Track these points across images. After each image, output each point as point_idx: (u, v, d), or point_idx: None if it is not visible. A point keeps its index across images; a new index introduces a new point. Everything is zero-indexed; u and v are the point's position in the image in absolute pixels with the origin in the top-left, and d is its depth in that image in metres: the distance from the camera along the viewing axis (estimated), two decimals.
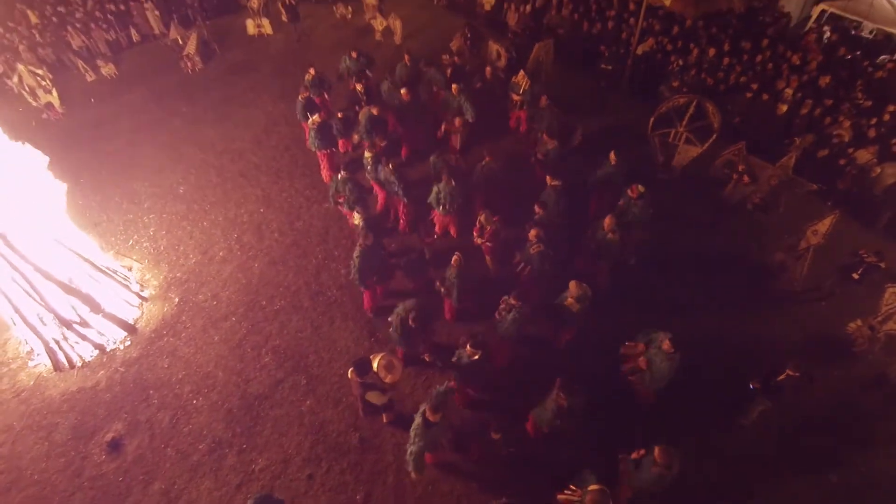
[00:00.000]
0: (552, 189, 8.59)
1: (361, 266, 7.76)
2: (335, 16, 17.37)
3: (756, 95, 11.10)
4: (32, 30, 16.00)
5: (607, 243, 7.88)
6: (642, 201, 8.24)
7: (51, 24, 16.26)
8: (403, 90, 10.60)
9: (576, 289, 6.96)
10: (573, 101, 12.04)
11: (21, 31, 15.89)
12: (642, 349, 6.81)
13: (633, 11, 13.75)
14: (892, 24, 13.63)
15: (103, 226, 10.79)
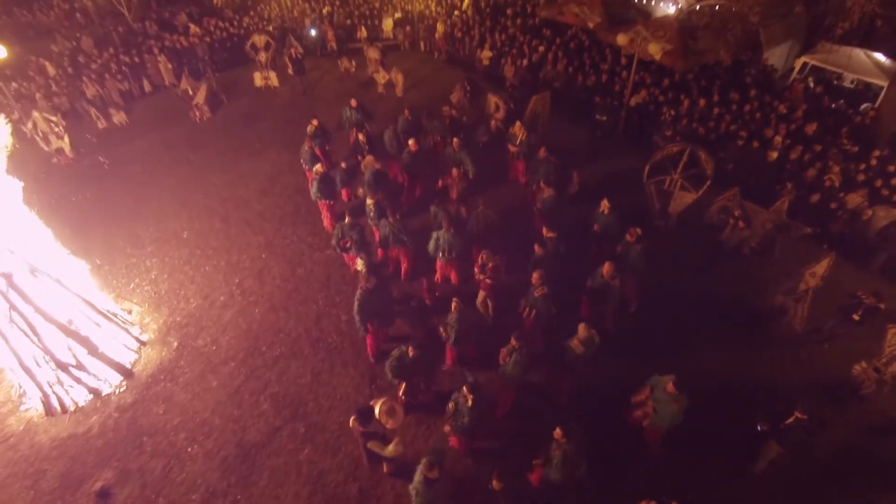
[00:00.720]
0: (548, 240, 8.80)
1: (362, 308, 7.85)
2: (339, 69, 18.26)
3: (747, 143, 11.69)
4: (50, 80, 16.61)
5: (609, 289, 8.03)
6: (641, 245, 8.49)
7: (67, 75, 16.89)
8: (411, 141, 11.07)
9: (584, 332, 7.07)
10: (570, 150, 12.54)
11: (38, 80, 16.52)
12: (648, 393, 6.82)
13: (625, 65, 14.56)
14: (870, 74, 14.64)
15: (105, 268, 10.86)
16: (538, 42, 16.58)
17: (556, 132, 13.32)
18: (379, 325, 8.43)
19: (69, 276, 8.85)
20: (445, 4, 20.95)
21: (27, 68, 17.32)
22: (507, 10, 19.54)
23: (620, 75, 14.40)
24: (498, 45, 17.05)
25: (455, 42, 18.53)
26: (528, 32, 17.45)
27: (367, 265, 8.74)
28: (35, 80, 16.61)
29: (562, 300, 8.13)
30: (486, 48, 17.03)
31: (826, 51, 15.06)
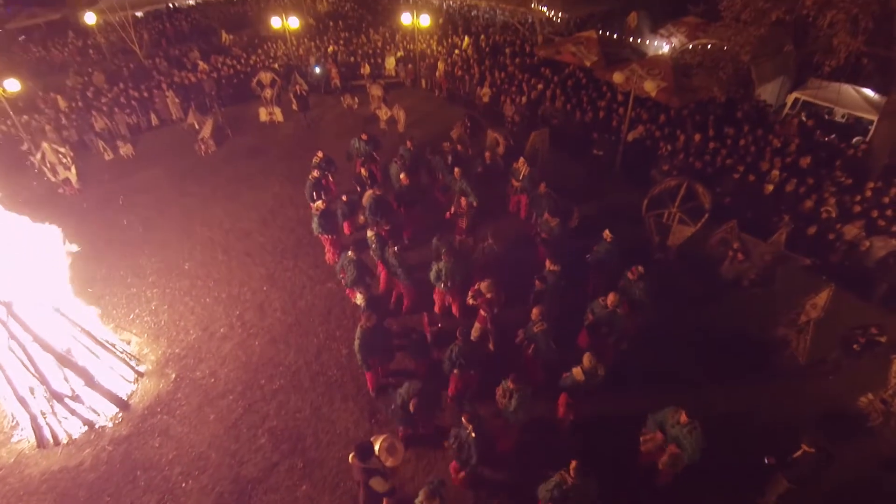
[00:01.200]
0: (551, 273, 8.85)
1: (363, 346, 7.82)
2: (342, 105, 18.71)
3: (743, 176, 11.90)
4: (60, 113, 17.02)
5: (613, 319, 8.02)
6: (643, 283, 8.52)
7: (77, 108, 17.30)
8: (402, 175, 11.28)
9: (589, 362, 7.04)
10: (569, 185, 12.74)
11: (49, 113, 16.91)
12: (661, 438, 6.71)
13: (621, 102, 14.94)
14: (860, 108, 15.09)
15: (106, 298, 10.84)
16: (536, 80, 17.06)
17: (555, 167, 13.55)
18: (380, 362, 8.38)
19: (69, 304, 8.84)
20: (446, 44, 21.69)
21: (39, 101, 17.78)
22: (505, 50, 20.21)
23: (617, 111, 14.80)
24: (497, 83, 17.54)
25: (456, 80, 19.04)
26: (527, 71, 17.99)
27: (366, 300, 8.76)
28: (46, 112, 17.01)
29: (562, 334, 8.12)
30: (485, 86, 17.50)
31: (816, 87, 15.59)
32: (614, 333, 8.29)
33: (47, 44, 26.12)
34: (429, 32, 22.28)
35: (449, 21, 25.74)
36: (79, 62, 24.27)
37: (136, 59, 22.25)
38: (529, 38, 21.22)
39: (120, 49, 24.26)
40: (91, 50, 25.63)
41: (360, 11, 29.19)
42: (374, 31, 24.11)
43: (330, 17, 27.99)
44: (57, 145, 14.53)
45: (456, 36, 22.45)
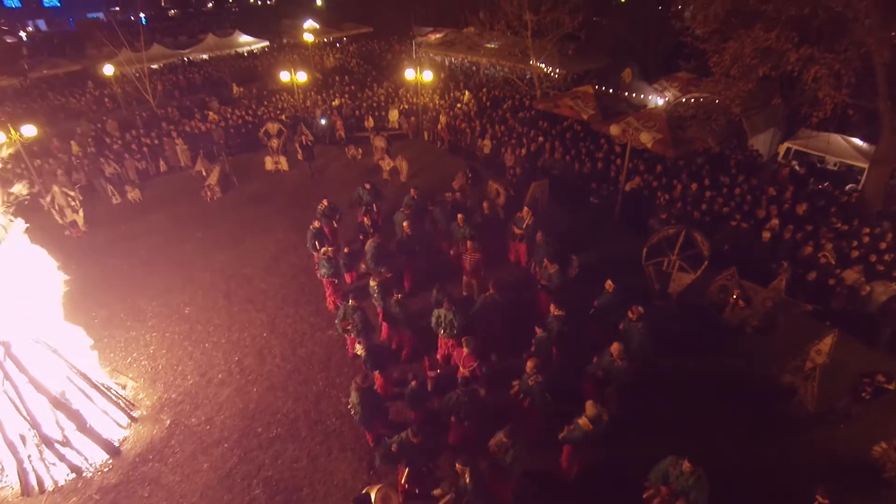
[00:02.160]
0: (555, 318, 8.84)
1: (364, 409, 7.68)
2: (347, 156, 19.18)
3: (739, 224, 12.05)
4: (72, 157, 17.49)
5: (616, 370, 7.95)
6: (643, 323, 8.50)
7: (89, 154, 17.79)
8: (405, 223, 11.45)
9: (592, 409, 6.91)
10: (568, 234, 12.88)
11: (62, 157, 17.39)
12: (666, 492, 6.51)
13: (618, 153, 15.31)
14: (850, 157, 15.49)
15: (104, 341, 10.75)
16: (536, 133, 17.59)
17: (554, 217, 13.75)
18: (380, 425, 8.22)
19: (67, 346, 8.77)
20: (448, 98, 22.49)
21: (53, 146, 18.33)
22: (505, 104, 20.95)
23: (615, 162, 15.17)
24: (498, 135, 18.04)
25: (457, 132, 19.63)
26: (526, 124, 18.57)
27: (366, 351, 8.69)
28: (59, 157, 17.51)
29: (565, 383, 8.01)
30: (486, 138, 18.01)
31: (806, 136, 16.14)
32: (615, 383, 8.19)
33: (65, 92, 27.19)
34: (431, 87, 23.16)
35: (451, 76, 26.82)
36: (94, 110, 25.17)
37: (148, 108, 23.09)
38: (528, 93, 22.05)
39: (134, 98, 25.24)
40: (107, 99, 26.64)
41: (365, 67, 30.51)
42: (378, 86, 25.06)
43: (336, 72, 29.21)
44: (67, 189, 14.87)
45: (458, 90, 23.32)
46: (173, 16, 59.36)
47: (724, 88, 12.80)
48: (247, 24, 42.65)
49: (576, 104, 17.98)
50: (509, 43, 23.50)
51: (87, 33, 40.05)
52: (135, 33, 25.88)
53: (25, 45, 43.37)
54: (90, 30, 40.71)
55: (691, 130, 14.56)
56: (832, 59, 11.01)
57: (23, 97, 26.93)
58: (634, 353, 8.28)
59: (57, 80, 29.94)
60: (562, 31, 20.43)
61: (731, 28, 12.42)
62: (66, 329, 9.14)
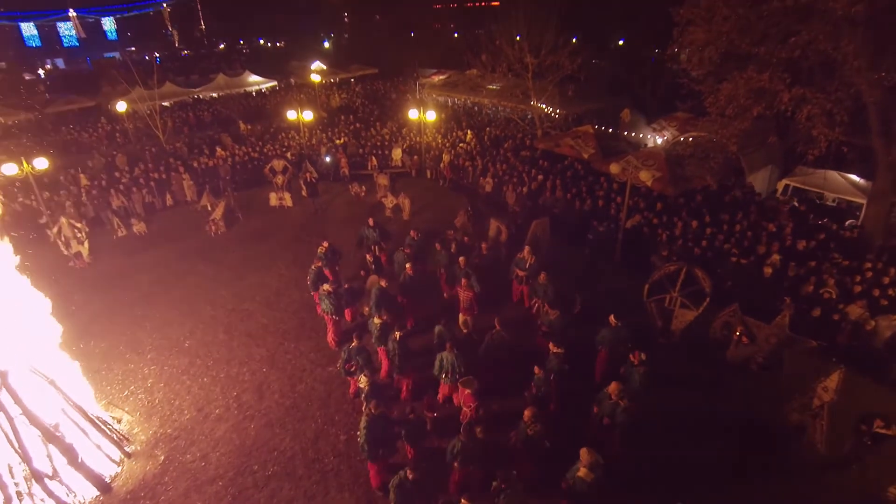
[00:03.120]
0: (555, 356, 8.77)
1: (370, 437, 7.54)
2: (350, 193, 19.43)
3: (740, 260, 12.06)
4: (81, 189, 17.81)
5: (618, 411, 7.80)
6: (644, 368, 8.42)
7: (98, 187, 18.11)
8: (408, 265, 11.53)
9: (587, 456, 6.74)
10: (570, 272, 12.89)
11: (72, 189, 17.71)
12: None
13: (617, 190, 15.50)
14: (848, 193, 15.61)
15: (102, 373, 10.68)
16: (536, 171, 17.87)
17: (556, 255, 13.78)
18: (387, 454, 8.01)
19: (64, 377, 8.69)
20: (451, 137, 22.97)
21: (63, 179, 18.70)
22: (505, 143, 21.37)
23: (615, 200, 15.33)
24: (499, 174, 18.33)
25: (459, 170, 19.95)
26: (527, 163, 18.91)
27: (370, 384, 8.60)
28: (69, 189, 17.85)
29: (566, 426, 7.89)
30: (488, 176, 18.31)
31: (804, 174, 16.39)
32: (617, 426, 8.05)
33: (78, 127, 27.97)
34: (434, 126, 23.70)
35: (453, 116, 27.47)
36: (105, 145, 25.77)
37: (158, 144, 23.61)
38: (529, 132, 22.54)
39: (144, 134, 25.87)
40: (118, 134, 27.32)
41: (370, 107, 31.28)
42: (381, 125, 25.64)
43: (342, 111, 29.96)
44: (74, 220, 15.07)
45: (460, 130, 23.84)
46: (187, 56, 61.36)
47: (721, 127, 13.09)
48: (257, 64, 44.17)
49: (576, 143, 18.38)
50: (511, 84, 24.26)
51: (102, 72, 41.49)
52: (149, 72, 26.77)
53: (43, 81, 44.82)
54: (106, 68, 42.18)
55: (690, 168, 14.82)
56: (824, 98, 11.31)
57: (37, 131, 27.70)
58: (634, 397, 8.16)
59: (71, 116, 30.90)
60: (562, 73, 21.12)
61: (725, 70, 12.80)
62: (64, 360, 9.08)
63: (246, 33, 68.03)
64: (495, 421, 8.67)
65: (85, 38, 63.02)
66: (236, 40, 68.79)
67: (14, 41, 58.29)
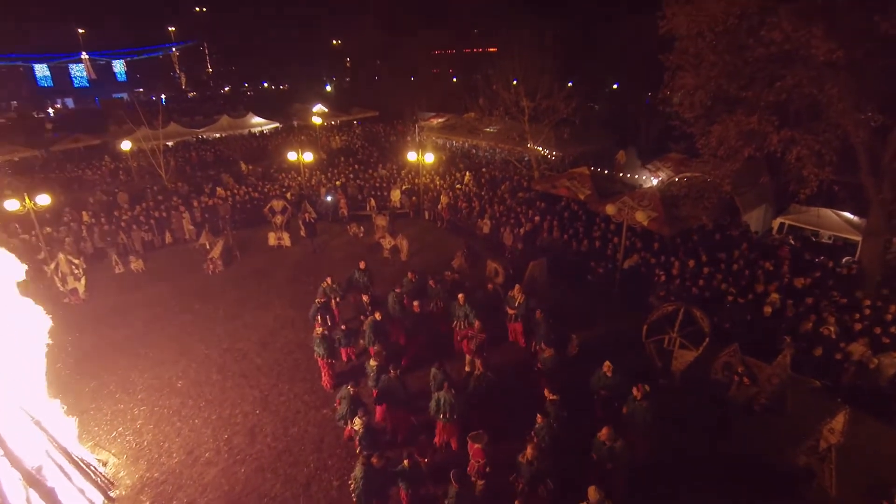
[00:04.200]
0: (551, 403, 8.64)
1: (365, 488, 7.31)
2: (349, 234, 19.54)
3: (737, 299, 12.00)
4: (82, 226, 17.97)
5: (612, 454, 7.61)
6: (647, 402, 8.24)
7: (98, 224, 18.24)
8: (415, 302, 11.48)
9: (595, 494, 6.54)
10: (567, 313, 12.80)
11: (73, 226, 17.84)
12: None
13: (614, 231, 15.60)
14: (843, 230, 15.69)
15: (90, 413, 10.45)
16: (533, 212, 18.03)
17: (553, 295, 13.73)
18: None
19: (50, 417, 8.47)
20: (449, 178, 23.31)
21: (65, 215, 18.85)
22: (503, 185, 21.67)
23: (612, 241, 15.42)
24: (497, 215, 18.48)
25: (457, 212, 20.13)
26: (524, 204, 19.11)
27: (365, 427, 8.42)
28: (70, 225, 17.98)
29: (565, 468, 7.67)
30: (485, 217, 18.44)
31: (798, 212, 16.59)
32: (618, 468, 7.83)
33: (82, 164, 28.44)
34: (432, 168, 24.08)
35: (451, 158, 27.96)
36: (108, 182, 26.11)
37: (160, 182, 23.89)
38: (526, 174, 22.89)
39: (147, 172, 26.24)
40: (121, 172, 27.71)
41: (370, 149, 31.86)
42: (381, 166, 26.03)
43: (342, 153, 30.51)
44: (72, 257, 15.11)
45: (458, 171, 24.21)
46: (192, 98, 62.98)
47: (713, 168, 13.32)
48: (260, 106, 45.21)
49: (573, 185, 18.64)
50: (507, 127, 24.81)
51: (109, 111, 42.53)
52: (154, 112, 27.43)
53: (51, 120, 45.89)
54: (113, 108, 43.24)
55: (685, 208, 14.97)
56: (812, 139, 11.57)
57: (43, 168, 28.12)
58: (640, 433, 7.99)
59: (77, 153, 31.50)
60: (557, 116, 21.62)
61: (715, 113, 13.14)
62: (52, 399, 8.89)
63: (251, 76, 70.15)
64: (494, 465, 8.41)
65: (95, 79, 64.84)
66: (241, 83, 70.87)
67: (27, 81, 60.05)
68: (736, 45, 12.20)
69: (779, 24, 11.14)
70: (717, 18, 12.07)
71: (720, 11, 11.95)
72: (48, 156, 30.63)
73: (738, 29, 11.98)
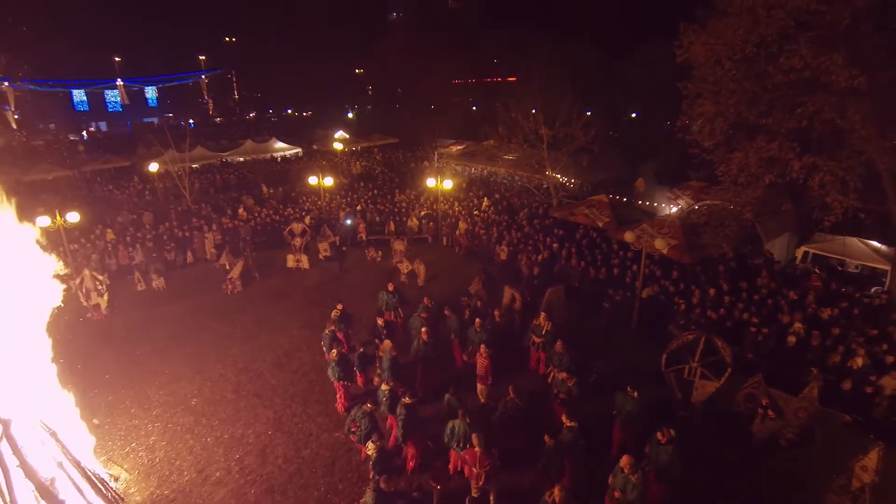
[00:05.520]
0: (568, 430, 8.43)
1: None
2: (367, 258, 19.65)
3: (760, 330, 11.65)
4: (108, 243, 18.50)
5: (626, 486, 7.35)
6: (672, 446, 7.94)
7: (124, 241, 18.74)
8: (424, 329, 11.43)
9: None
10: (586, 342, 12.57)
11: (98, 243, 18.35)
12: None
13: (632, 258, 15.40)
14: (870, 259, 15.18)
15: (105, 427, 10.49)
16: (551, 240, 17.94)
17: (571, 324, 13.50)
18: None
19: (65, 429, 8.54)
20: (467, 205, 23.42)
21: (91, 233, 19.42)
22: (521, 212, 21.68)
23: (631, 268, 15.22)
24: (514, 242, 18.43)
25: (475, 238, 20.13)
26: (542, 231, 19.05)
27: (378, 452, 8.30)
28: (96, 242, 18.52)
29: None
30: (503, 244, 18.37)
31: (822, 240, 16.15)
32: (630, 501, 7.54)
33: (111, 185, 29.41)
34: (451, 194, 24.26)
35: (470, 184, 28.17)
36: (134, 202, 26.87)
37: (184, 203, 24.48)
38: (544, 201, 22.91)
39: (172, 193, 26.93)
40: (147, 192, 28.51)
41: (389, 174, 32.29)
42: (400, 192, 26.30)
43: (362, 178, 30.97)
44: (97, 273, 15.47)
45: (476, 198, 24.34)
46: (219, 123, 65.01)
47: (734, 196, 13.16)
48: (284, 132, 46.41)
49: (591, 212, 18.58)
50: (526, 154, 24.96)
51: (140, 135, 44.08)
52: (182, 136, 28.33)
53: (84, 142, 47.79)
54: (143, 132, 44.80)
55: (705, 236, 14.77)
56: (835, 166, 11.38)
57: (73, 187, 29.12)
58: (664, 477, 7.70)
59: (106, 174, 32.62)
60: (576, 144, 21.72)
61: (735, 140, 13.06)
62: (68, 411, 8.97)
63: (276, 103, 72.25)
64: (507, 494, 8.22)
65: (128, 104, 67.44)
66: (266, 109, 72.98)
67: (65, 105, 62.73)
68: (755, 72, 12.21)
69: (798, 52, 11.15)
70: (735, 46, 12.13)
71: (738, 40, 12.01)
72: (79, 175, 31.73)
73: (757, 57, 12.01)
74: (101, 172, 32.90)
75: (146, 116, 66.72)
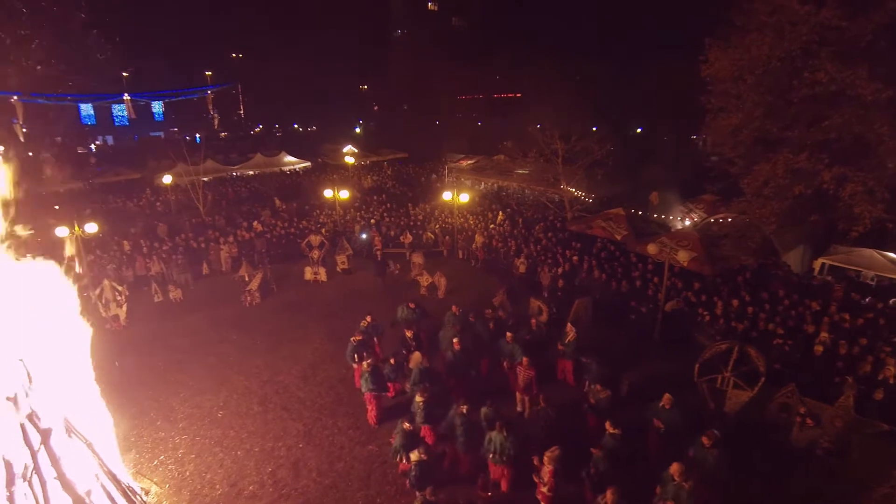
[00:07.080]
0: (611, 437, 8.35)
1: None
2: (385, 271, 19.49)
3: (786, 340, 11.64)
4: (124, 255, 18.54)
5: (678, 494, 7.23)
6: (717, 450, 7.83)
7: (140, 253, 18.73)
8: (455, 339, 11.33)
9: None
10: (612, 353, 12.44)
11: (115, 254, 18.36)
12: None
13: (652, 270, 15.37)
14: (888, 270, 15.16)
15: (132, 440, 10.34)
16: (570, 252, 17.92)
17: (598, 335, 13.46)
18: None
19: (100, 440, 8.41)
20: (483, 219, 23.43)
21: (108, 244, 19.44)
22: (537, 225, 21.69)
23: (652, 281, 15.21)
24: (533, 255, 18.39)
25: (492, 251, 20.08)
26: (560, 244, 19.05)
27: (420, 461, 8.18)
28: (114, 253, 18.53)
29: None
30: (521, 257, 18.28)
31: (839, 252, 16.19)
32: None
33: (123, 196, 29.47)
34: (466, 208, 24.25)
35: (483, 198, 28.22)
36: (148, 214, 26.92)
37: (197, 215, 24.50)
38: (560, 215, 22.97)
39: (185, 205, 26.97)
40: (159, 204, 28.58)
41: (401, 188, 32.36)
42: (413, 206, 26.28)
43: (374, 192, 31.03)
44: (116, 283, 15.41)
45: (490, 212, 24.34)
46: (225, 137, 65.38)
47: (757, 208, 13.20)
48: (290, 146, 46.61)
49: (608, 225, 18.63)
50: (540, 168, 25.09)
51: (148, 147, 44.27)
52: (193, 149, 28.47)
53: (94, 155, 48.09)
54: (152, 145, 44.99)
55: (725, 248, 14.80)
56: (865, 176, 11.44)
57: (86, 199, 29.17)
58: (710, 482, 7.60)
59: (117, 186, 32.70)
60: (591, 158, 21.86)
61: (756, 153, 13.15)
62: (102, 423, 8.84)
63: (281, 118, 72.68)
64: None
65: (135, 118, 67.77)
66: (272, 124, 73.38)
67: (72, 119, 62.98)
68: (779, 86, 12.37)
69: (823, 66, 11.32)
70: (758, 61, 12.30)
71: (763, 55, 12.20)
72: (91, 188, 31.81)
73: (781, 71, 12.17)
74: (113, 184, 32.98)
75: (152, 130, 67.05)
